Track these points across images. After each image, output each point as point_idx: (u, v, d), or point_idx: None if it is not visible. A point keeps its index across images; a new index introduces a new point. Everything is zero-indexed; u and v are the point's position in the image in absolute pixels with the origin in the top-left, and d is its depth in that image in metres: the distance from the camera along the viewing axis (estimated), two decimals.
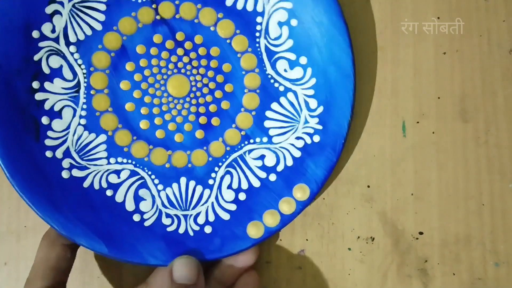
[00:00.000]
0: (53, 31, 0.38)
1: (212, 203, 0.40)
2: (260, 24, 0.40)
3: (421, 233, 0.42)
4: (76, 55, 0.39)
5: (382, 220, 0.42)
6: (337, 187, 0.42)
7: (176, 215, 0.39)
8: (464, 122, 0.42)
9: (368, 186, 0.42)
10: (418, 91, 0.42)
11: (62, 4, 0.38)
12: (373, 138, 0.42)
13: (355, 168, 0.42)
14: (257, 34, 0.40)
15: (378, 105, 0.42)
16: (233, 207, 0.39)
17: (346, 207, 0.42)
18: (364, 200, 0.42)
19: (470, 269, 0.41)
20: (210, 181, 0.40)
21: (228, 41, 0.40)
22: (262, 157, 0.40)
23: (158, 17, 0.40)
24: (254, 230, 0.39)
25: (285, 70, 0.40)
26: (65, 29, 0.39)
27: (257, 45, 0.40)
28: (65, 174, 0.38)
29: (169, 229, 0.39)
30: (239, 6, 0.40)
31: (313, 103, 0.40)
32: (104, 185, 0.39)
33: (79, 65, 0.39)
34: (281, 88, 0.40)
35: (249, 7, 0.40)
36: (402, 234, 0.42)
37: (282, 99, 0.40)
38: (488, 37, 0.42)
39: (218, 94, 0.40)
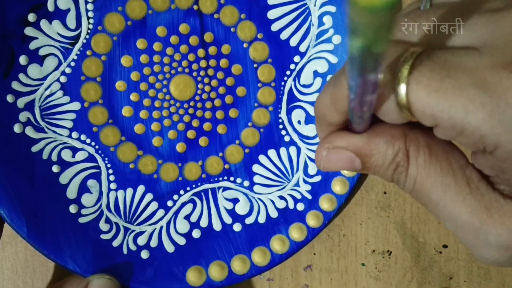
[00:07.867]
0: None
1: (162, 227, 0.34)
2: (296, 64, 0.36)
3: (445, 246, 0.38)
4: (90, 6, 0.33)
5: (401, 232, 0.38)
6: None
7: (116, 224, 0.34)
8: None
9: (385, 193, 0.38)
10: None
11: None
12: None
13: None
14: (288, 72, 0.36)
15: None
16: (182, 241, 0.35)
17: (360, 216, 0.38)
18: (380, 208, 0.38)
19: None
20: (169, 203, 0.35)
21: (255, 65, 0.35)
22: (235, 201, 0.35)
23: (195, 7, 0.34)
24: (195, 277, 0.34)
25: (299, 122, 0.36)
26: None
27: (283, 82, 0.36)
28: (17, 128, 0.32)
29: (103, 236, 0.34)
30: (284, 36, 0.35)
31: (313, 169, 0.36)
32: (54, 158, 0.33)
33: (88, 18, 0.33)
34: (287, 138, 0.36)
35: (293, 42, 0.35)
36: (424, 248, 0.38)
37: (282, 150, 0.36)
38: None
39: (219, 114, 0.35)
